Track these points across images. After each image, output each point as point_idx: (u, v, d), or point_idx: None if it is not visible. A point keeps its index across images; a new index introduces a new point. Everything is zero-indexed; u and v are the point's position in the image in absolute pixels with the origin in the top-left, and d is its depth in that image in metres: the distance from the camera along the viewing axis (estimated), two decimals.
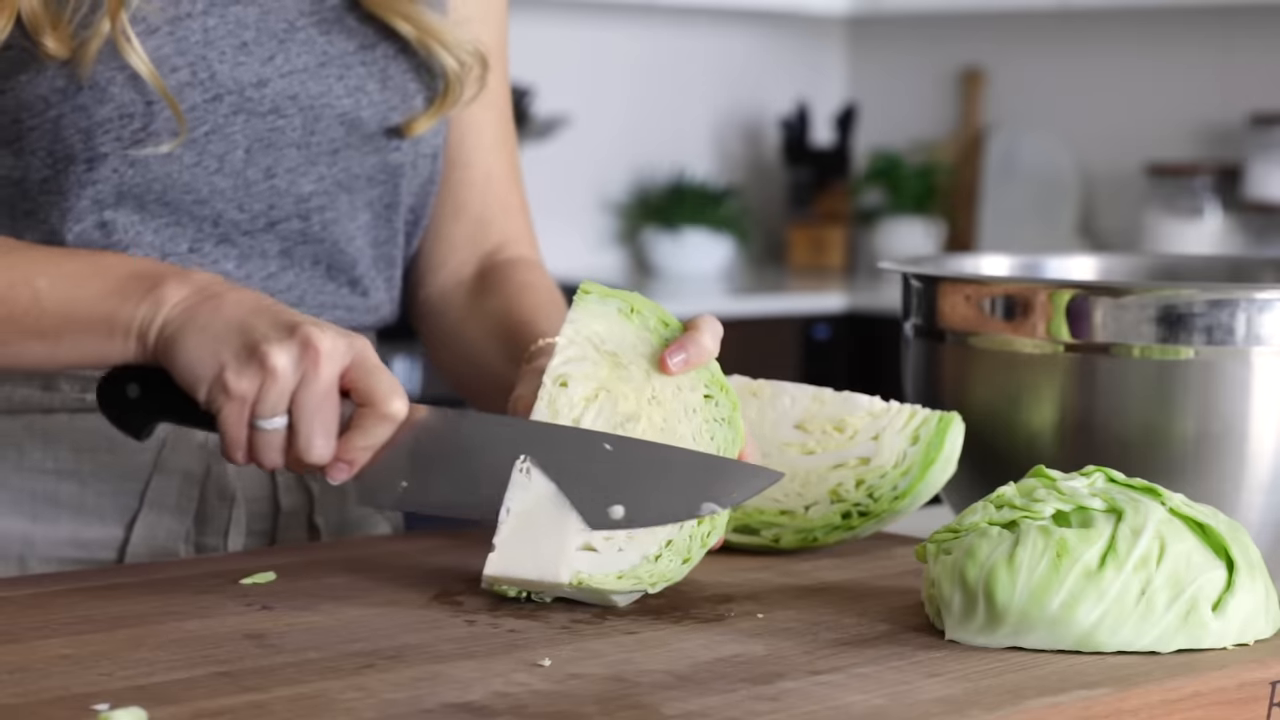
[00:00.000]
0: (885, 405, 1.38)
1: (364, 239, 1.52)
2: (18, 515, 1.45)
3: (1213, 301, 1.31)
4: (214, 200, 1.44)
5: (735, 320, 4.11)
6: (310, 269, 1.49)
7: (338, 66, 1.47)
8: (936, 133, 4.89)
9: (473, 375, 1.57)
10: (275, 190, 1.46)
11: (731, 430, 1.25)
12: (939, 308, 1.41)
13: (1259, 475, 1.33)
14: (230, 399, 1.22)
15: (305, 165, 1.47)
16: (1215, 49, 4.44)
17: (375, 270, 1.53)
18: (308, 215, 1.48)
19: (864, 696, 1.02)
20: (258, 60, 1.44)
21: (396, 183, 1.52)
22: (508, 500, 1.22)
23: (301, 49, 1.46)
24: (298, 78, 1.45)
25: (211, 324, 1.24)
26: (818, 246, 4.80)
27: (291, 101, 1.45)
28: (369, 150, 1.49)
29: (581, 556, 1.20)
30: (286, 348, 1.22)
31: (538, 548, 1.20)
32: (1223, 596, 1.14)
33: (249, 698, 1.00)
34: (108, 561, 1.45)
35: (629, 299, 1.27)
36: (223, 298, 1.26)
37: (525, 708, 0.99)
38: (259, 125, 1.44)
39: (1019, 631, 1.12)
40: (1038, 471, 1.20)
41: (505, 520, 1.21)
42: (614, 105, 4.64)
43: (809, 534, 1.38)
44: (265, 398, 1.22)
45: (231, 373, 1.22)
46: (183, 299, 1.27)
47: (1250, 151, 4.27)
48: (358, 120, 1.48)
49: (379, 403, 1.23)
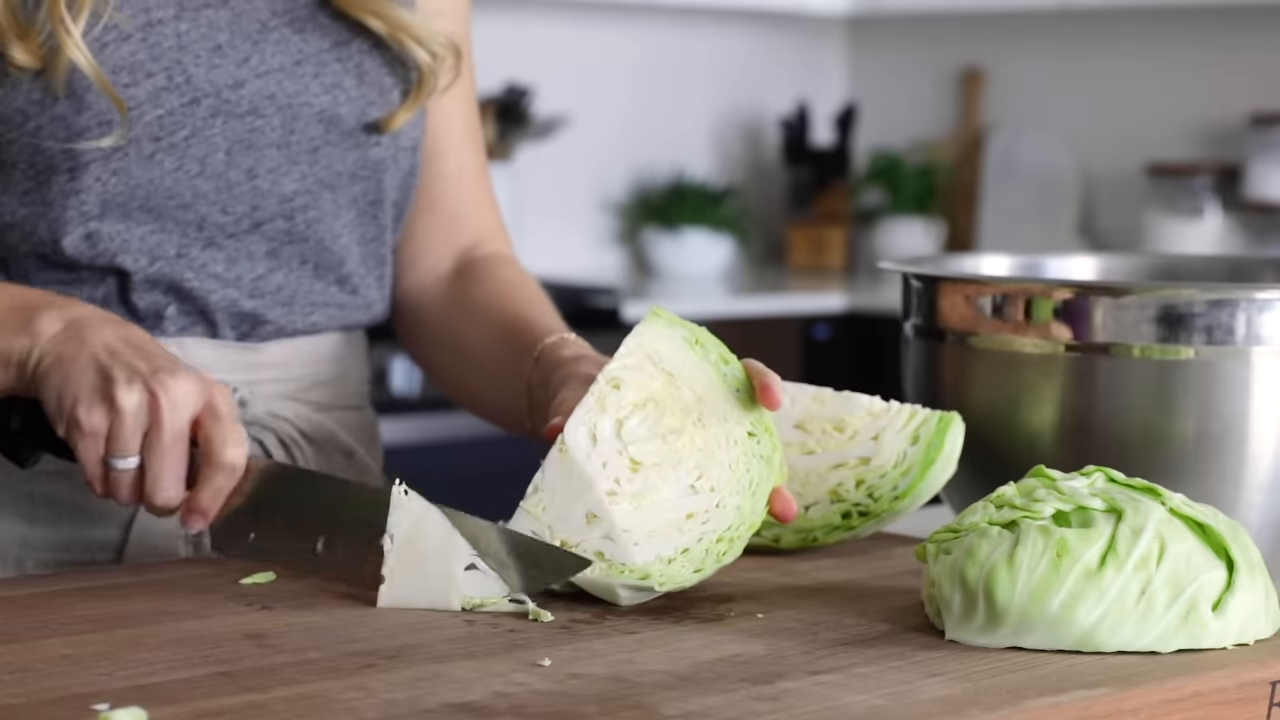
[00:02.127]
0: (885, 405, 1.38)
1: (350, 236, 1.52)
2: (15, 517, 1.46)
3: (1213, 301, 1.31)
4: (197, 204, 1.45)
5: (735, 320, 4.11)
6: (299, 269, 1.50)
7: (313, 64, 1.48)
8: (936, 133, 4.89)
9: (466, 371, 1.57)
10: (258, 191, 1.47)
11: (768, 468, 1.26)
12: (939, 308, 1.41)
13: (1259, 475, 1.33)
14: (83, 435, 1.28)
15: (287, 164, 1.47)
16: (1215, 49, 4.43)
17: (365, 268, 1.54)
18: (292, 215, 1.48)
19: (864, 696, 1.02)
20: (233, 62, 1.45)
21: (379, 178, 1.53)
22: (391, 525, 1.20)
23: (276, 49, 1.47)
24: (274, 77, 1.46)
25: (76, 360, 1.29)
26: (818, 246, 4.80)
27: (269, 101, 1.46)
28: (349, 146, 1.50)
29: (471, 579, 1.19)
30: (135, 390, 1.26)
31: (425, 574, 1.19)
32: (1223, 596, 1.14)
33: (249, 698, 1.00)
34: (106, 563, 1.46)
35: (695, 331, 1.28)
36: (91, 332, 1.30)
37: (525, 708, 0.99)
38: (238, 126, 1.45)
39: (1019, 631, 1.12)
40: (1038, 471, 1.20)
41: (390, 548, 1.20)
42: (614, 105, 4.64)
43: (809, 534, 1.38)
44: (116, 436, 1.27)
45: (83, 409, 1.27)
46: (56, 333, 1.31)
47: (1250, 151, 4.27)
48: (336, 117, 1.49)
49: (214, 452, 1.27)
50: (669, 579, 1.21)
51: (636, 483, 1.22)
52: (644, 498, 1.22)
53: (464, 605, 1.18)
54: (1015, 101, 4.77)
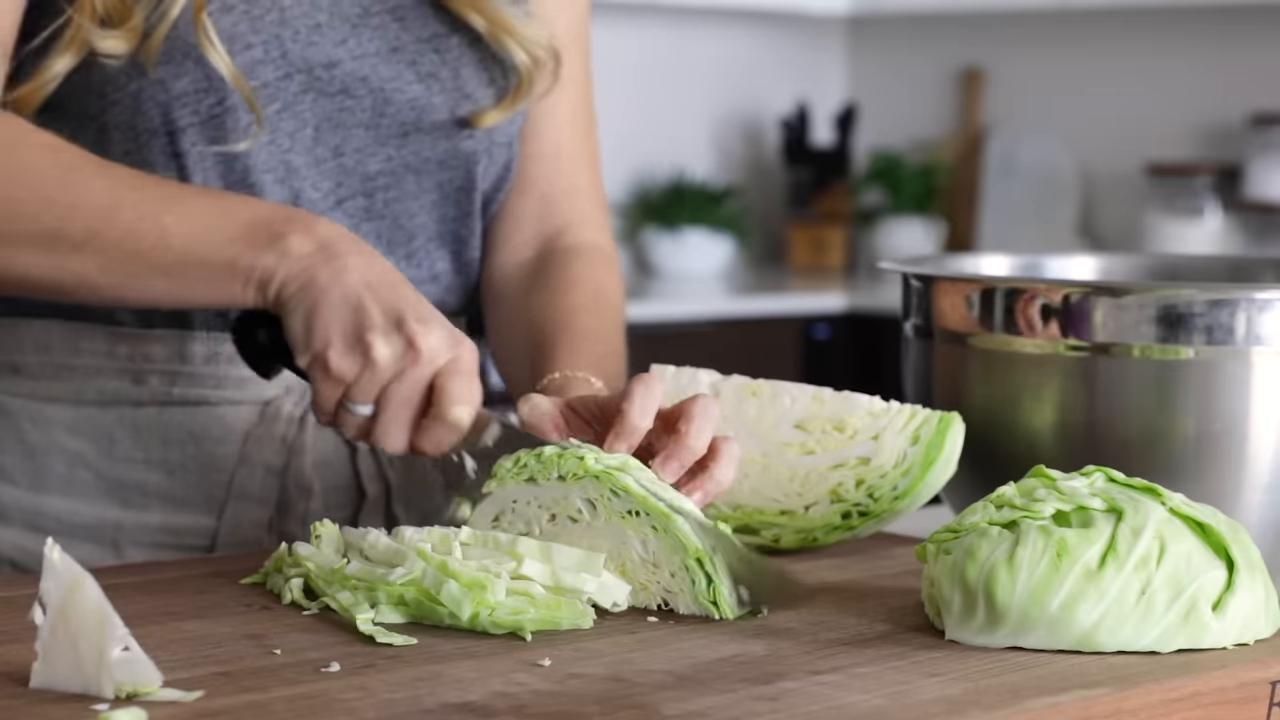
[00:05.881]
0: (885, 405, 1.38)
1: (427, 216, 1.52)
2: (109, 502, 1.48)
3: (1213, 301, 1.31)
4: (291, 179, 1.45)
5: (735, 320, 4.11)
6: (374, 244, 1.49)
7: (410, 53, 1.48)
8: (936, 133, 4.89)
9: (509, 376, 1.55)
10: (343, 169, 1.47)
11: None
12: (939, 308, 1.41)
13: (1259, 475, 1.33)
14: (328, 378, 1.24)
15: (374, 146, 1.48)
16: (1215, 49, 4.44)
17: (437, 244, 1.53)
18: (372, 194, 1.49)
19: (864, 696, 1.02)
20: (330, 42, 1.45)
21: (470, 169, 1.53)
22: (43, 593, 1.02)
23: (374, 35, 1.47)
24: (368, 61, 1.47)
25: (327, 294, 1.24)
26: (818, 246, 4.80)
27: (361, 83, 1.47)
28: (440, 136, 1.50)
29: (122, 664, 1.00)
30: (392, 342, 1.23)
31: (78, 653, 1.01)
32: (1223, 596, 1.14)
33: (249, 698, 1.00)
34: (200, 549, 1.48)
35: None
36: (344, 262, 1.26)
37: (525, 708, 0.99)
38: (328, 105, 1.46)
39: (1019, 631, 1.12)
40: (1038, 471, 1.20)
41: (44, 621, 1.02)
42: (614, 105, 4.63)
43: (809, 534, 1.38)
44: (361, 385, 1.24)
45: (335, 353, 1.24)
46: (305, 255, 1.26)
47: (1250, 151, 4.27)
48: (429, 106, 1.49)
49: (443, 406, 1.24)
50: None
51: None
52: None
53: (115, 693, 1.00)
54: (1015, 101, 4.77)
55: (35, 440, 1.48)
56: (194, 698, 1.00)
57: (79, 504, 1.48)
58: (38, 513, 1.48)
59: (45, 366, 1.47)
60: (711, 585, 1.18)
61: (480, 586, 1.14)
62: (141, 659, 1.00)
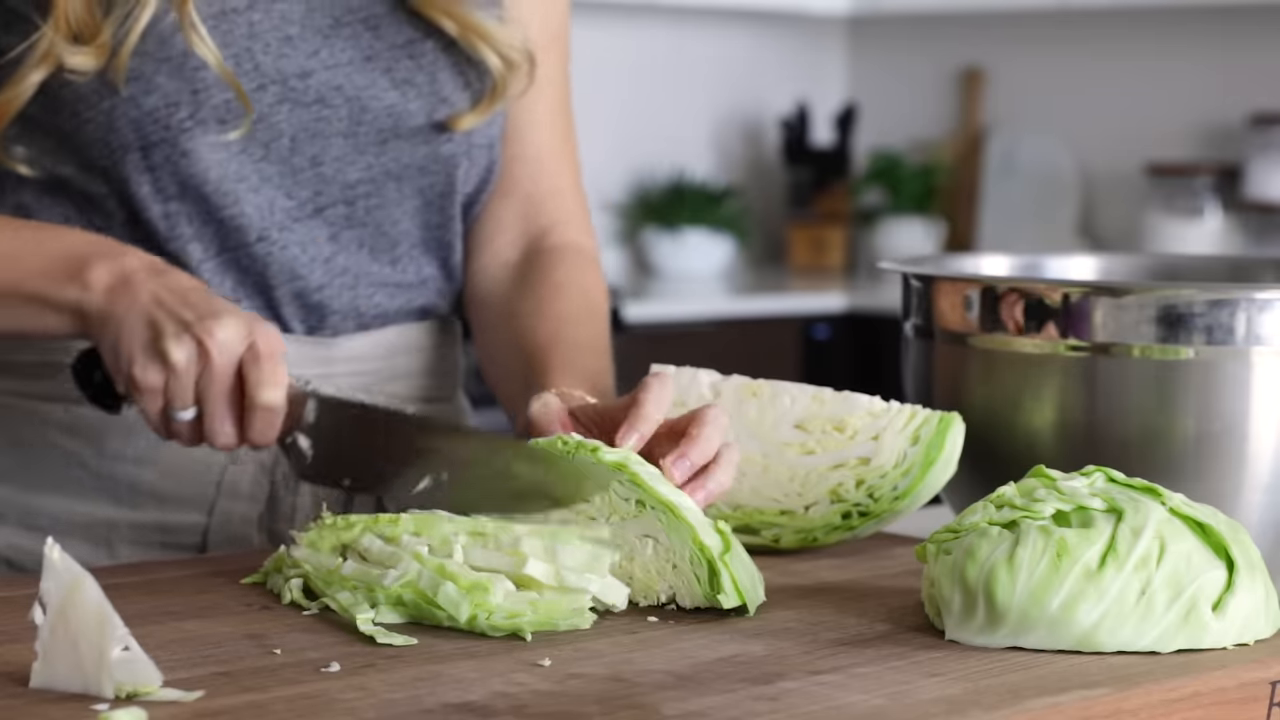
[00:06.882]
0: (885, 405, 1.38)
1: (410, 222, 1.53)
2: (102, 499, 1.49)
3: (1213, 301, 1.31)
4: (264, 188, 1.46)
5: (735, 320, 4.11)
6: (356, 251, 1.51)
7: (384, 61, 1.49)
8: (936, 133, 4.89)
9: (501, 392, 1.55)
10: (321, 177, 1.48)
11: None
12: (939, 308, 1.41)
13: (1259, 475, 1.33)
14: (141, 393, 1.29)
15: (353, 154, 1.49)
16: (1215, 49, 4.43)
17: (422, 250, 1.54)
18: (353, 201, 1.50)
19: (864, 696, 1.02)
20: (302, 54, 1.46)
21: (450, 173, 1.53)
22: (43, 593, 1.03)
23: (346, 44, 1.48)
24: (342, 70, 1.47)
25: (126, 319, 1.30)
26: (818, 246, 4.80)
27: (336, 92, 1.47)
28: (418, 142, 1.51)
29: (122, 664, 1.00)
30: (184, 344, 1.28)
31: (78, 653, 1.01)
32: (1223, 596, 1.14)
33: (249, 698, 1.00)
34: (191, 546, 1.50)
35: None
36: (139, 288, 1.31)
37: (525, 708, 0.99)
38: (304, 115, 1.46)
39: (1019, 631, 1.12)
40: (1038, 471, 1.20)
41: (44, 621, 1.03)
42: (613, 105, 4.64)
43: (809, 534, 1.38)
44: (173, 392, 1.29)
45: (139, 368, 1.29)
46: (105, 288, 1.32)
47: (1250, 151, 4.27)
48: (405, 113, 1.49)
49: (251, 394, 1.29)
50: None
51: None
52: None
53: (115, 693, 1.00)
54: (1015, 101, 4.77)
55: (29, 439, 1.49)
56: (194, 698, 1.00)
57: (72, 502, 1.49)
58: (31, 511, 1.49)
59: (38, 366, 1.48)
60: (715, 577, 1.19)
61: (482, 589, 1.14)
62: (141, 659, 1.00)
